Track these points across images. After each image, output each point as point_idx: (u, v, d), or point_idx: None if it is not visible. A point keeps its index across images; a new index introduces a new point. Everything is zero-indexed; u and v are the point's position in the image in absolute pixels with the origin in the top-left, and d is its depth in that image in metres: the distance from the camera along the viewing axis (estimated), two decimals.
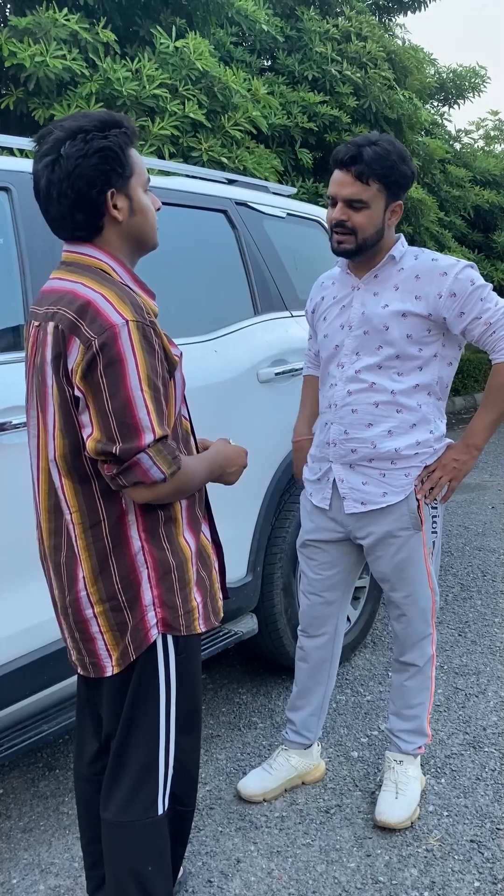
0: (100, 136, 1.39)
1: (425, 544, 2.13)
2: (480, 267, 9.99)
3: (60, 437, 1.41)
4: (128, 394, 1.33)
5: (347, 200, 1.97)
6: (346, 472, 2.12)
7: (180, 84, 4.97)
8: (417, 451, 2.07)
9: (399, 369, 2.04)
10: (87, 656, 1.51)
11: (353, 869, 2.03)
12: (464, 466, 2.09)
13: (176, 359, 1.45)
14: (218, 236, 2.78)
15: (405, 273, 2.03)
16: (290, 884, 1.99)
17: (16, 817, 2.30)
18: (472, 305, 1.98)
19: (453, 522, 5.13)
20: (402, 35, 9.24)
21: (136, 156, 1.47)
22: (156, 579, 1.46)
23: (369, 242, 2.01)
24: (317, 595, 2.29)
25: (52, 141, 1.39)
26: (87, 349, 1.32)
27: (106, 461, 1.36)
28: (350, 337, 2.07)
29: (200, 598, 1.54)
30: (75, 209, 1.41)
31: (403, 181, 1.99)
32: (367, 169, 1.93)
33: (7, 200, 2.11)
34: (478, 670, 3.05)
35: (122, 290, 1.39)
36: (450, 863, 2.04)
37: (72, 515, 1.45)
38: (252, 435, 2.61)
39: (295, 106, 6.58)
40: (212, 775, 2.45)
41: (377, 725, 2.69)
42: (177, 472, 1.40)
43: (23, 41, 4.43)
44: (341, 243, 2.02)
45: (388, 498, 2.08)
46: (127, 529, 1.45)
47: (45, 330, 1.40)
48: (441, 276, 1.99)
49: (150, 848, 1.53)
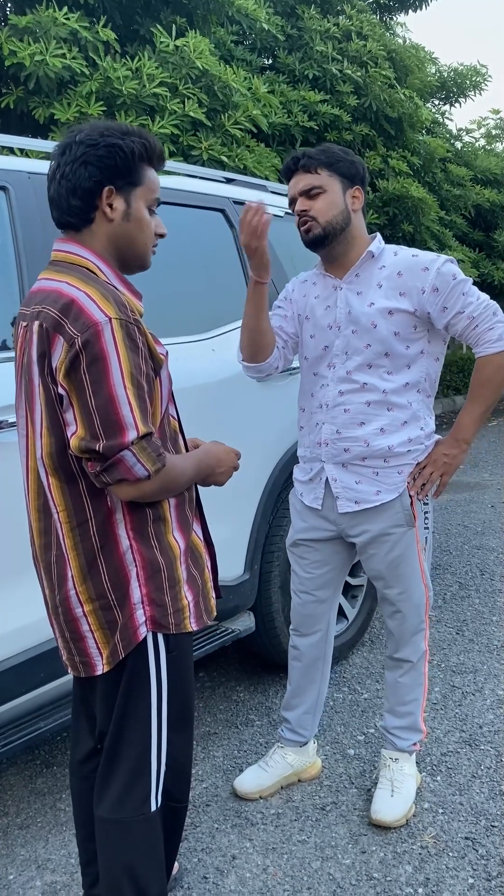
0: (118, 135, 1.44)
1: (418, 540, 2.14)
2: (481, 266, 9.97)
3: (47, 436, 1.42)
4: (111, 391, 1.34)
5: (304, 191, 2.03)
6: (338, 471, 2.12)
7: (180, 83, 4.97)
8: (409, 448, 2.08)
9: (388, 368, 2.04)
10: (77, 655, 1.52)
11: (348, 865, 2.04)
12: (454, 461, 2.10)
13: (161, 357, 1.46)
14: (216, 235, 2.79)
15: (387, 270, 2.04)
16: (285, 880, 2.00)
17: (13, 814, 2.31)
18: (454, 300, 1.99)
19: (452, 521, 5.13)
20: (402, 34, 9.23)
21: (152, 174, 1.51)
22: (144, 578, 1.47)
23: (336, 225, 2.03)
24: (308, 594, 2.29)
25: (77, 131, 1.46)
26: (71, 347, 1.33)
27: (90, 459, 1.37)
28: (339, 337, 2.07)
29: (192, 596, 1.54)
30: (71, 193, 1.44)
31: (352, 169, 2.04)
32: (311, 161, 2.02)
33: (5, 200, 2.11)
34: (475, 668, 3.06)
35: (107, 288, 1.40)
36: (444, 860, 2.05)
37: (59, 514, 1.46)
38: (249, 433, 2.62)
39: (295, 105, 6.58)
40: (208, 772, 2.46)
41: (374, 723, 2.70)
42: (161, 470, 1.41)
43: (23, 40, 4.43)
44: (309, 231, 2.04)
45: (382, 496, 2.09)
46: (115, 528, 1.45)
47: (31, 329, 1.41)
48: (423, 272, 2.00)
49: (143, 844, 1.54)
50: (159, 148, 1.51)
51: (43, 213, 2.16)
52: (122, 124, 1.47)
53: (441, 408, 10.07)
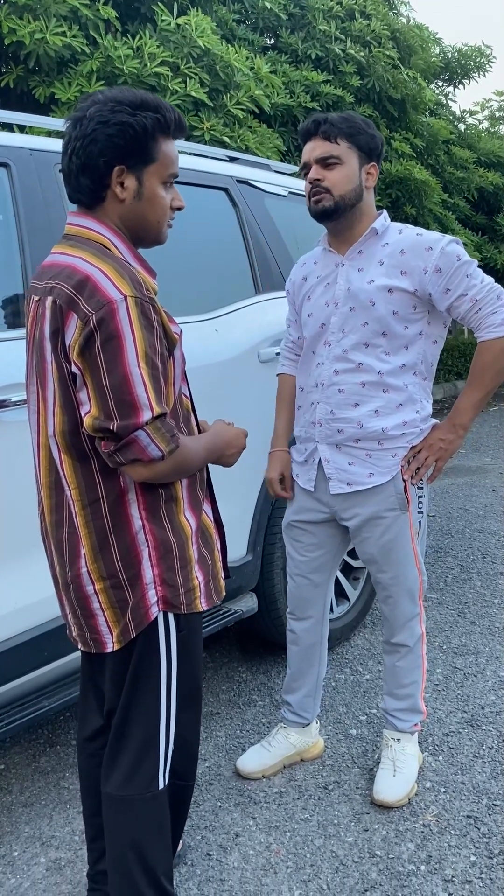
0: (128, 111, 1.39)
1: (412, 524, 2.12)
2: (484, 249, 9.92)
3: (60, 414, 1.41)
4: (125, 370, 1.32)
5: (320, 159, 1.98)
6: (331, 452, 2.10)
7: (182, 62, 4.92)
8: (404, 430, 2.05)
9: (385, 348, 2.01)
10: (88, 632, 1.51)
11: (351, 843, 2.05)
12: (450, 446, 2.07)
13: (176, 336, 1.45)
14: (219, 214, 2.76)
15: (390, 248, 2.01)
16: (287, 857, 2.01)
17: (17, 792, 2.32)
18: (458, 282, 1.96)
19: (454, 505, 5.13)
20: (406, 13, 9.12)
21: (168, 147, 1.45)
22: (157, 558, 1.46)
23: (348, 200, 1.99)
24: (303, 577, 2.28)
25: (89, 102, 1.41)
26: (85, 325, 1.32)
27: (103, 438, 1.36)
28: (336, 314, 2.04)
29: (202, 576, 1.54)
30: (81, 171, 1.41)
31: (372, 142, 1.99)
32: (332, 129, 1.96)
33: (6, 176, 2.09)
34: (476, 650, 3.07)
35: (122, 265, 1.38)
36: (446, 838, 2.06)
37: (71, 492, 1.45)
38: (252, 414, 2.60)
39: (298, 85, 6.51)
40: (211, 752, 2.47)
41: (376, 704, 2.71)
42: (175, 451, 1.40)
43: (22, 18, 4.38)
44: (319, 202, 1.99)
45: (375, 479, 2.07)
46: (127, 508, 1.44)
47: (44, 305, 1.39)
48: (427, 251, 1.97)
49: (150, 822, 1.55)
50: (176, 117, 1.44)
51: (45, 190, 2.14)
52: (136, 94, 1.41)
53: (442, 392, 10.05)
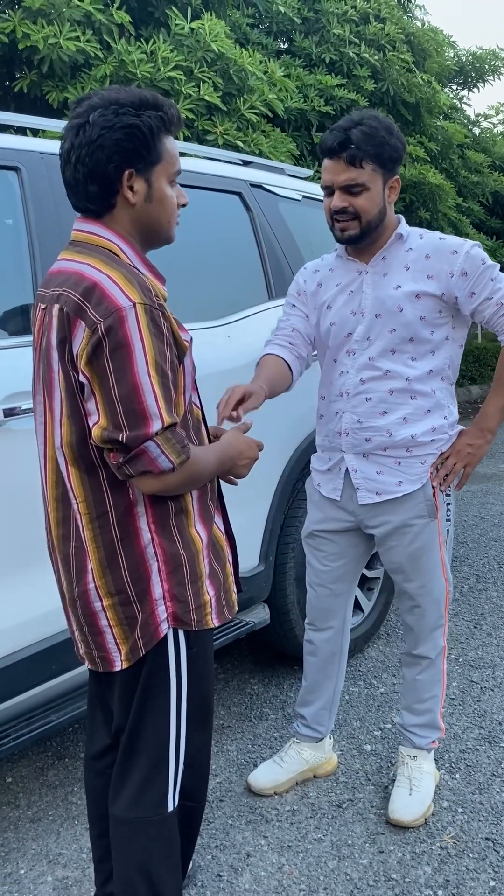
0: (132, 112, 1.35)
1: (440, 532, 2.08)
2: (499, 254, 9.85)
3: (67, 425, 1.37)
4: (135, 379, 1.28)
5: (345, 187, 1.91)
6: (359, 461, 2.06)
7: (195, 66, 4.89)
8: (433, 437, 2.03)
9: (413, 354, 1.98)
10: (95, 650, 1.47)
11: (366, 865, 1.99)
12: (478, 451, 2.06)
13: (186, 344, 1.40)
14: (232, 219, 2.72)
15: (414, 253, 1.98)
16: (300, 879, 1.95)
17: (24, 806, 2.28)
18: (483, 285, 1.95)
19: (469, 513, 5.06)
20: (421, 17, 9.08)
21: (171, 144, 1.42)
22: (166, 573, 1.42)
23: (374, 224, 1.95)
24: (324, 587, 2.24)
25: (86, 106, 1.36)
26: (93, 333, 1.28)
27: (112, 450, 1.32)
28: (362, 323, 2.00)
29: (213, 591, 1.49)
30: (89, 179, 1.37)
31: (395, 154, 1.93)
32: (358, 152, 1.87)
33: (17, 180, 2.06)
34: (493, 663, 3.00)
35: (131, 271, 1.34)
36: (464, 861, 2.00)
37: (78, 505, 1.40)
38: (264, 422, 2.55)
39: (311, 89, 6.48)
40: (222, 767, 2.42)
41: (390, 718, 2.65)
42: (186, 462, 1.35)
43: (36, 22, 4.37)
44: (345, 230, 1.95)
45: (405, 487, 2.03)
46: (136, 521, 1.40)
47: (51, 313, 1.35)
48: (452, 255, 1.95)
49: (158, 844, 1.50)
50: (176, 113, 1.42)
51: (56, 194, 2.11)
52: (132, 93, 1.37)
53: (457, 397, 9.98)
